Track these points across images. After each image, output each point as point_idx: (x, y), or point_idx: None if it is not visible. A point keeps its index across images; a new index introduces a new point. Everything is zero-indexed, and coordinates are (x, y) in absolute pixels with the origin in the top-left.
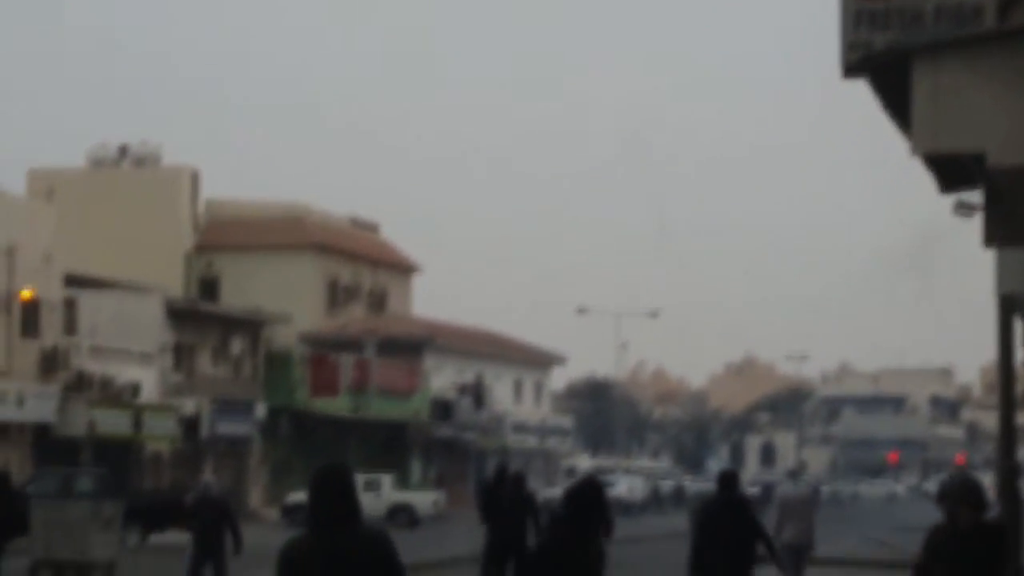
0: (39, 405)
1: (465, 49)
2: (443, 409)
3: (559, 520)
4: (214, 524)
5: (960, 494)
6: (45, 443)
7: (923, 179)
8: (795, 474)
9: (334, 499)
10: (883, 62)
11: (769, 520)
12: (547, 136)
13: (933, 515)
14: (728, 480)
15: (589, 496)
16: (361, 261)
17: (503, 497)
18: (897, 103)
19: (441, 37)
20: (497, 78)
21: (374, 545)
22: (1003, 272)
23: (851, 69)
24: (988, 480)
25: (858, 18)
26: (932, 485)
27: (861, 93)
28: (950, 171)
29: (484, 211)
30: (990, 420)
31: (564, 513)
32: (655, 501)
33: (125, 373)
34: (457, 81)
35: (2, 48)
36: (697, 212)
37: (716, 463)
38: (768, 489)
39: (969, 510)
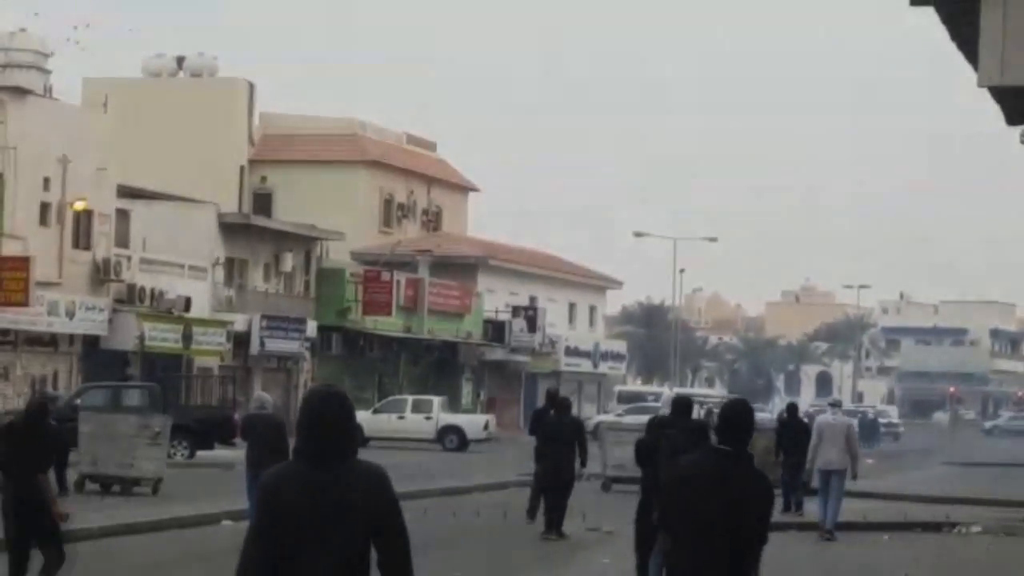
0: (89, 317)
1: None
2: (496, 331)
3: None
4: (268, 441)
5: None
6: (94, 356)
7: (990, 110)
8: (836, 404)
9: (331, 427)
10: None
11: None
12: (603, 55)
13: None
14: (683, 407)
15: (741, 416)
16: (417, 179)
17: (551, 423)
18: (964, 35)
19: None
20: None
21: (370, 482)
22: None
23: None
24: None
25: None
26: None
27: (928, 22)
28: (1017, 103)
29: (543, 132)
30: None
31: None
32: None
33: (176, 287)
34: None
35: None
36: (759, 139)
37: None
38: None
39: None
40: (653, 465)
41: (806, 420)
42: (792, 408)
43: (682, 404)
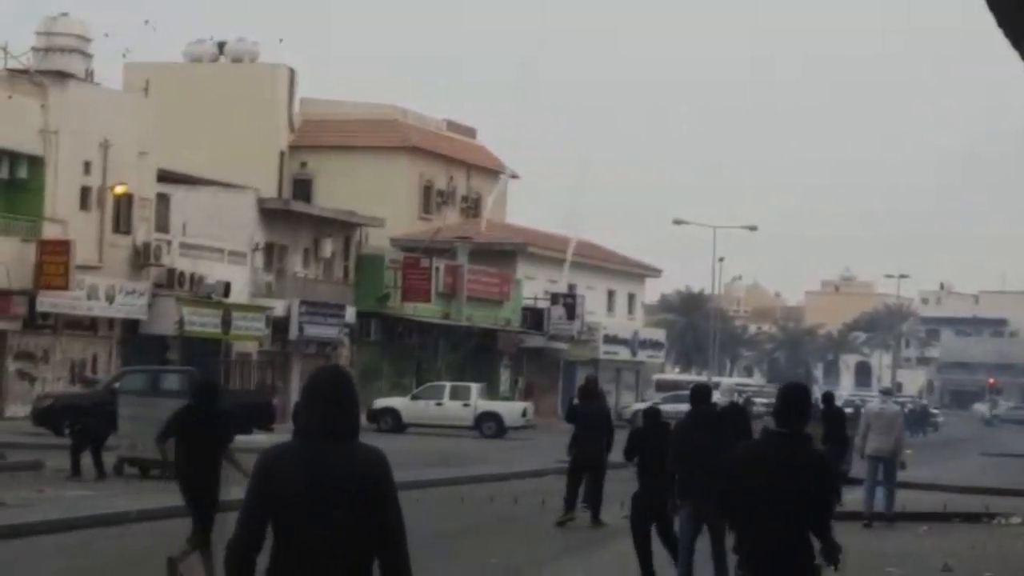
0: (129, 301)
1: None
2: (534, 318)
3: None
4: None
5: None
6: (133, 340)
7: None
8: (887, 392)
9: (333, 407)
10: None
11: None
12: (643, 42)
13: None
14: (703, 394)
15: (800, 399)
16: (456, 165)
17: (584, 411)
18: (1010, 16)
19: None
20: None
21: (368, 465)
22: None
23: None
24: None
25: None
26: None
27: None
28: None
29: (582, 120)
30: None
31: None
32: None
33: (216, 272)
34: None
35: None
36: (800, 126)
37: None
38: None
39: None
40: (646, 452)
41: (848, 409)
42: (828, 397)
43: (702, 392)
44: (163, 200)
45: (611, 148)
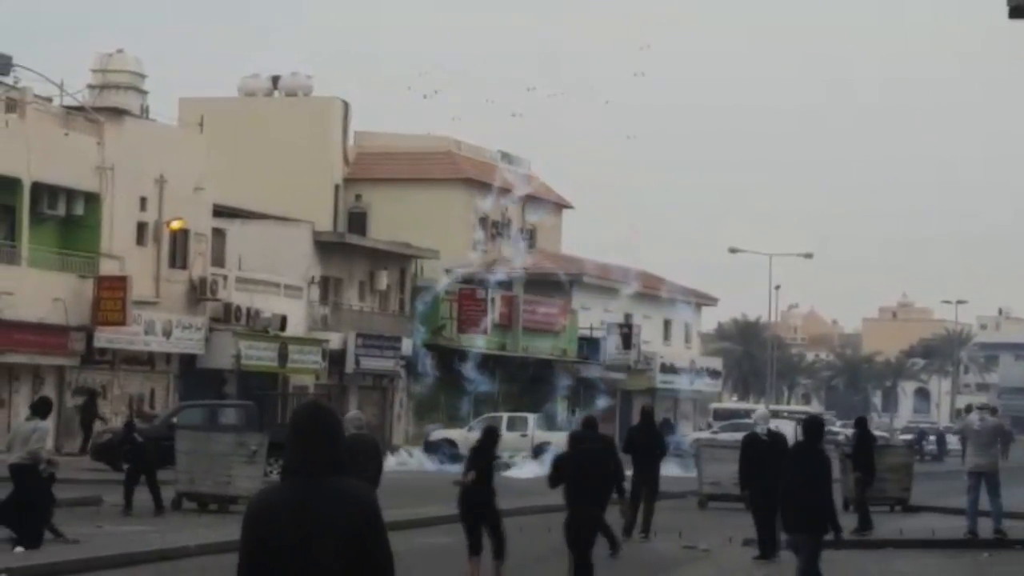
0: (186, 336)
1: None
2: (591, 348)
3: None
4: (365, 460)
5: None
6: (191, 374)
7: None
8: (985, 408)
9: (313, 444)
10: None
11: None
12: (698, 77)
13: None
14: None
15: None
16: (511, 196)
17: (640, 439)
18: None
19: None
20: (647, 12)
21: (354, 504)
22: None
23: (1018, 10)
24: None
25: None
26: None
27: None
28: None
29: (639, 149)
30: None
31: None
32: None
33: (272, 305)
34: (607, 16)
35: None
36: (855, 152)
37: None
38: (922, 435)
39: None
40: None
41: (884, 435)
42: (861, 422)
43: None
44: (219, 235)
45: (666, 175)
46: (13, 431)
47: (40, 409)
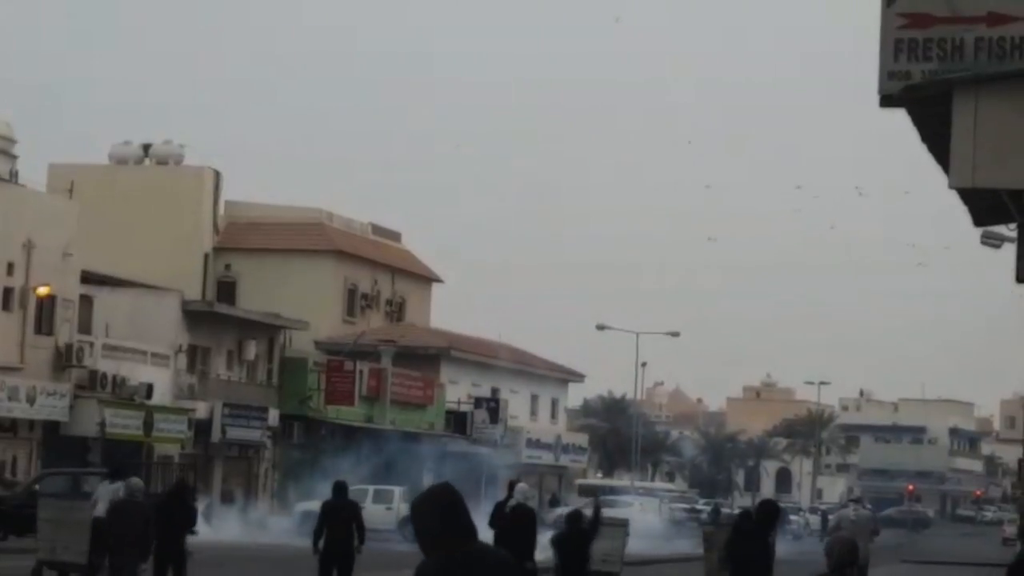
0: (50, 403)
1: (493, 58)
2: (458, 422)
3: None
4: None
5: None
6: (55, 441)
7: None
8: (856, 500)
9: (463, 516)
10: (924, 94)
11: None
12: (571, 152)
13: None
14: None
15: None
16: (381, 269)
17: (504, 514)
18: (933, 135)
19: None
20: (526, 86)
21: (506, 565)
22: None
23: (889, 99)
24: (1008, 516)
25: (897, 47)
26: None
27: (896, 123)
28: (984, 205)
29: (507, 225)
30: (1010, 454)
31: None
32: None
33: (138, 373)
34: (482, 91)
35: (27, 46)
36: (721, 231)
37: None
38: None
39: None
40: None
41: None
42: (746, 515)
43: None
44: (86, 301)
45: (534, 252)
46: None
47: None
